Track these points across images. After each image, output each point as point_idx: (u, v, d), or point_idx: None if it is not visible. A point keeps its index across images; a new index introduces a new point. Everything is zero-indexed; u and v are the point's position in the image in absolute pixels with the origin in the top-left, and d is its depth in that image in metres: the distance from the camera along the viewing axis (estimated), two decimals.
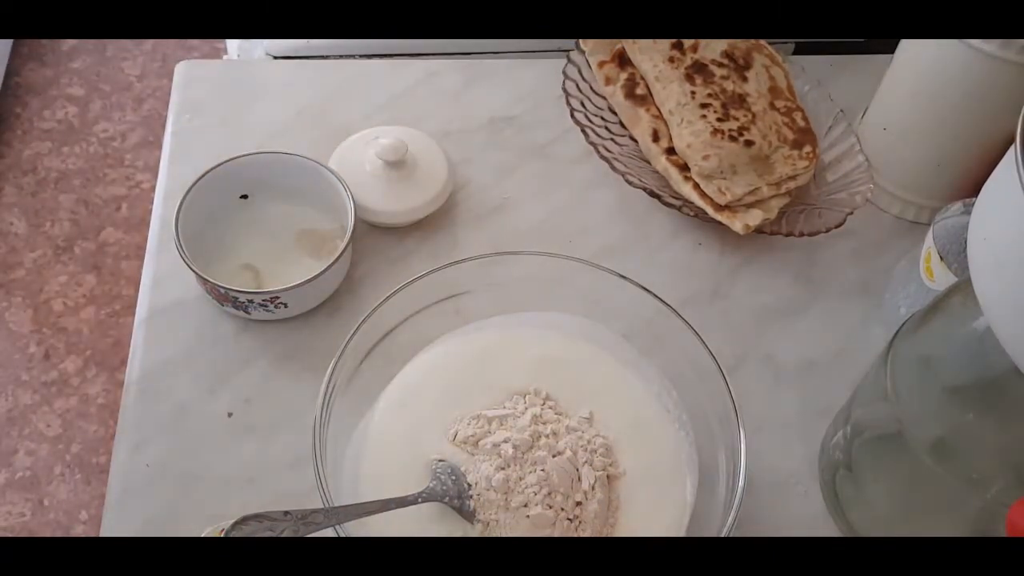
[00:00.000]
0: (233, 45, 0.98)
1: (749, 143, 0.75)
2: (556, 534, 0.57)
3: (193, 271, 0.66)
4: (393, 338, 0.65)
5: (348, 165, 0.74)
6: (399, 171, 0.74)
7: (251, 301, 0.67)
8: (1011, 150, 0.45)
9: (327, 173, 0.71)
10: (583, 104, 0.79)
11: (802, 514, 0.65)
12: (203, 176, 0.70)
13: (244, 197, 0.73)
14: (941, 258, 0.66)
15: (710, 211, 0.72)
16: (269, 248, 0.73)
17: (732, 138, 0.75)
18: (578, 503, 0.58)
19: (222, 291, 0.66)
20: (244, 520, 0.51)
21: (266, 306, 0.67)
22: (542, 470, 0.58)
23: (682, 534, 0.59)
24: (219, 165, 0.71)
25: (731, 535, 0.55)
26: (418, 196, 0.75)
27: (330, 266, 0.67)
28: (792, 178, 0.76)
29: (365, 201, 0.73)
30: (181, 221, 0.68)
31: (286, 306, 0.68)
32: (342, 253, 0.68)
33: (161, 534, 0.62)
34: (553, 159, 0.82)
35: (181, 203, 0.69)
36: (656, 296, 0.64)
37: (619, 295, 0.66)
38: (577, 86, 0.80)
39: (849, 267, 0.77)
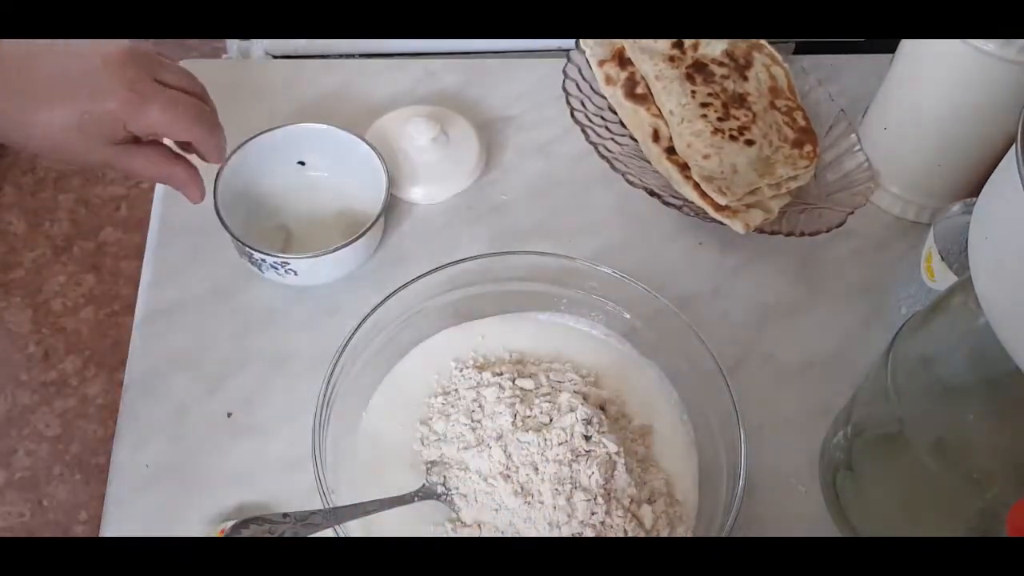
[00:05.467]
0: (233, 45, 0.98)
1: (750, 142, 0.75)
2: (552, 533, 0.57)
3: (221, 221, 0.67)
4: (393, 338, 0.65)
5: (383, 143, 0.76)
6: (434, 148, 0.77)
7: (263, 260, 0.68)
8: (1012, 150, 0.45)
9: (371, 153, 0.73)
10: (583, 104, 0.79)
11: (802, 514, 0.65)
12: (260, 135, 0.72)
13: (301, 163, 0.75)
14: (942, 258, 0.66)
15: (710, 211, 0.72)
16: (310, 217, 0.74)
17: (732, 137, 0.75)
18: (573, 500, 0.58)
19: (240, 244, 0.67)
20: (244, 523, 0.51)
21: (277, 269, 0.68)
22: (536, 469, 0.58)
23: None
24: (274, 129, 0.73)
25: (731, 535, 0.55)
26: (452, 171, 0.78)
27: (335, 249, 0.68)
28: (792, 178, 0.76)
29: (402, 179, 0.76)
30: (229, 175, 0.70)
31: (296, 274, 0.69)
32: (353, 240, 0.68)
33: (161, 534, 0.62)
34: (553, 159, 0.82)
35: (231, 155, 0.70)
36: (657, 295, 0.64)
37: (619, 295, 0.66)
38: (577, 86, 0.80)
39: (849, 267, 0.77)
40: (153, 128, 0.58)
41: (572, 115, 0.77)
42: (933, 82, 0.72)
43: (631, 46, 0.80)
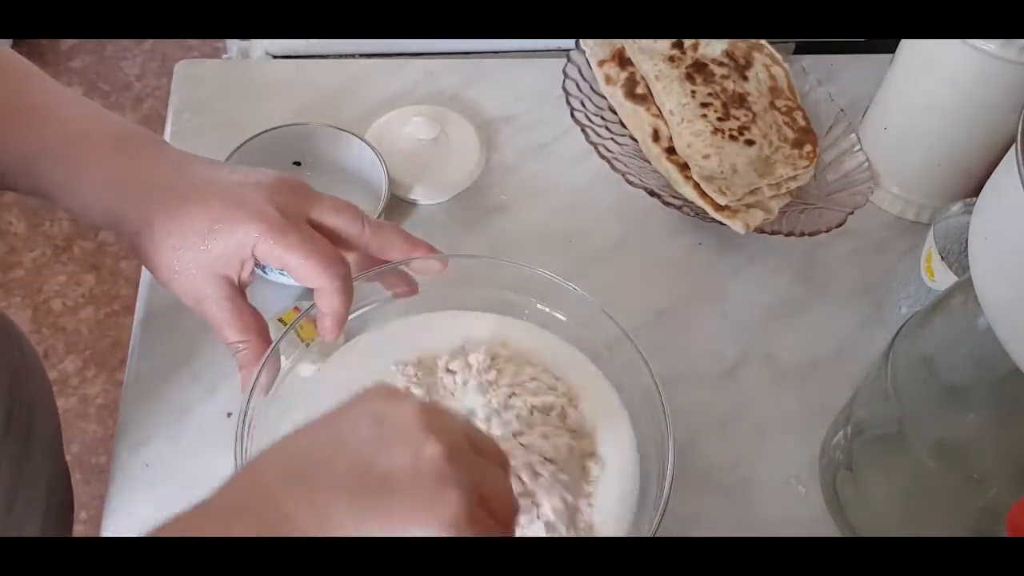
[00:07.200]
0: (233, 45, 0.98)
1: (750, 142, 0.75)
2: (529, 534, 0.56)
3: None
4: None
5: (383, 143, 0.76)
6: (434, 148, 0.77)
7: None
8: (1012, 150, 0.45)
9: (371, 153, 0.73)
10: (583, 104, 0.79)
11: (802, 514, 0.65)
12: (260, 135, 0.72)
13: (297, 164, 0.76)
14: (942, 258, 0.66)
15: (710, 211, 0.72)
16: None
17: (732, 137, 0.75)
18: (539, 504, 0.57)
19: None
20: None
21: (280, 269, 0.68)
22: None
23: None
24: (274, 129, 0.73)
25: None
26: (452, 171, 0.78)
27: None
28: (792, 178, 0.76)
29: (402, 179, 0.75)
30: None
31: None
32: None
33: None
34: (553, 159, 0.82)
35: (231, 155, 0.70)
36: (607, 312, 0.60)
37: (575, 307, 0.63)
38: (577, 86, 0.80)
39: (849, 267, 0.77)
40: (281, 262, 0.54)
41: (572, 115, 0.77)
42: (933, 82, 0.72)
43: (631, 46, 0.80)
